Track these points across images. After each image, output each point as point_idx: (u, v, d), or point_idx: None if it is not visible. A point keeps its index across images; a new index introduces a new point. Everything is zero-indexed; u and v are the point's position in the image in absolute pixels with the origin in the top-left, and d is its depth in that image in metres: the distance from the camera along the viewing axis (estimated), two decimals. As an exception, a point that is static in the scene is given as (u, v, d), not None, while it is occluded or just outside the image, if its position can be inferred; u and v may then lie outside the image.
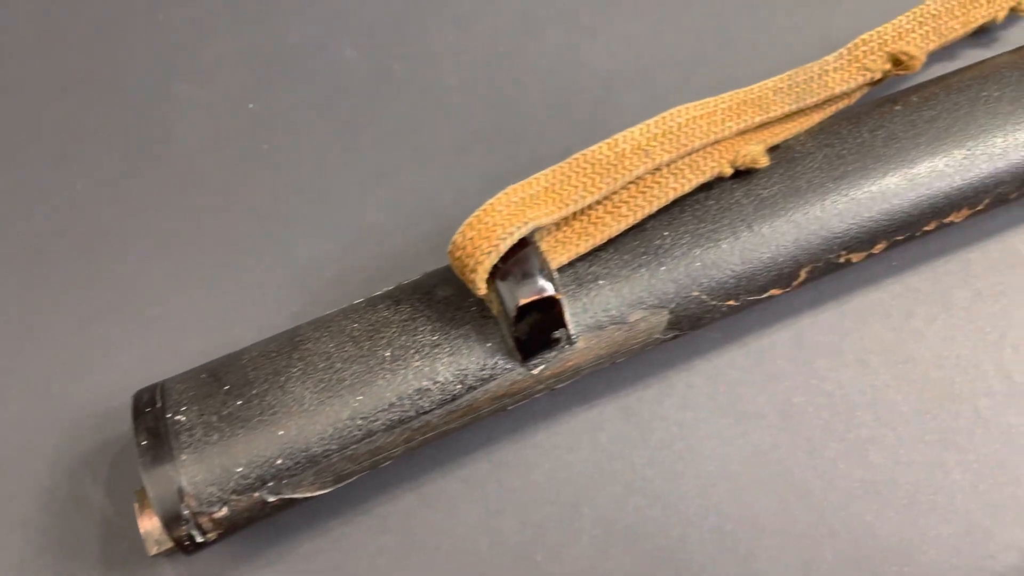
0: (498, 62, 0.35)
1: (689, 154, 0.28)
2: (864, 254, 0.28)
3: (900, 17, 0.31)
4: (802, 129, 0.30)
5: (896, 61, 0.30)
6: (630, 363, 0.29)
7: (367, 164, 0.34)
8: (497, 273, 0.25)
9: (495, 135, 0.34)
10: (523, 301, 0.25)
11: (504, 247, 0.25)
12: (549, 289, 0.25)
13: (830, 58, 0.30)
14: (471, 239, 0.25)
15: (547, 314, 0.25)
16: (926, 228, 0.28)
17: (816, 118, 0.30)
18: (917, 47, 0.30)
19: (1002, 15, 0.32)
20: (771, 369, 0.29)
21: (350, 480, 0.26)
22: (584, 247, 0.27)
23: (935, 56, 0.33)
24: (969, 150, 0.28)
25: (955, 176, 0.28)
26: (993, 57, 0.31)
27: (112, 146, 0.34)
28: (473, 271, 0.25)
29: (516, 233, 0.25)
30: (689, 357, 0.30)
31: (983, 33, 0.34)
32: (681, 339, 0.29)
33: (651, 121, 0.28)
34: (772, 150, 0.29)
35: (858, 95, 0.31)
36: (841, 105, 0.30)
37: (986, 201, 0.28)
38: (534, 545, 0.28)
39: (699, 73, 0.34)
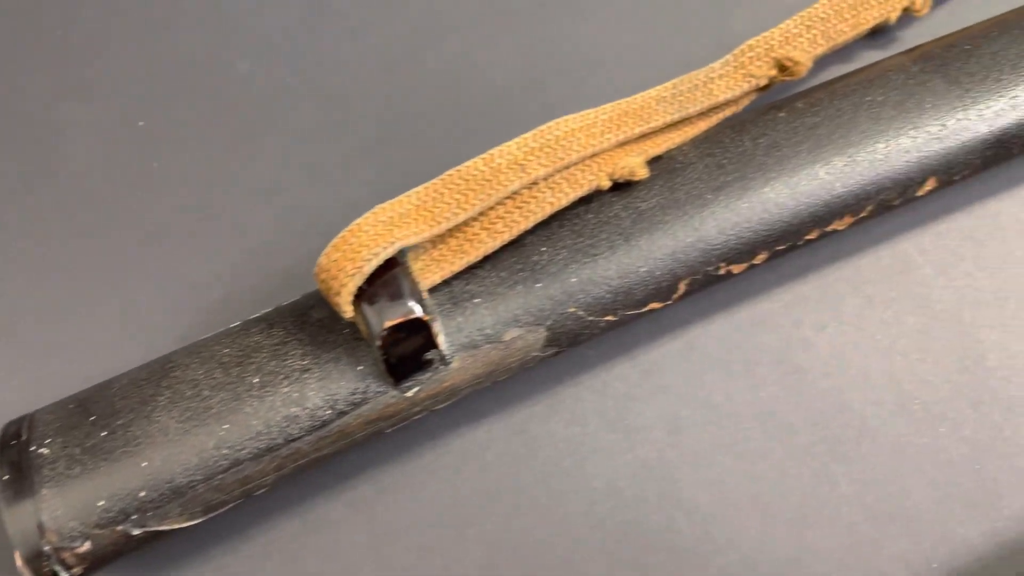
0: (392, 73, 0.35)
1: (566, 168, 0.27)
2: (745, 265, 0.28)
3: (787, 21, 0.30)
4: (686, 138, 0.29)
5: (782, 67, 0.30)
6: (519, 379, 0.29)
7: (258, 180, 0.33)
8: (363, 295, 0.25)
9: (389, 147, 0.33)
10: (388, 324, 0.24)
11: (369, 269, 0.24)
12: (417, 311, 0.25)
13: (716, 65, 0.30)
14: (335, 261, 0.25)
15: (416, 336, 0.25)
16: (808, 237, 0.28)
17: (701, 126, 0.29)
18: (804, 52, 0.30)
19: (895, 16, 0.32)
20: (659, 382, 0.29)
21: (222, 510, 0.25)
22: (459, 265, 0.26)
23: (830, 58, 0.33)
24: (850, 157, 0.28)
25: (836, 184, 0.28)
26: (881, 60, 0.30)
27: (-3, 168, 0.33)
28: (337, 294, 0.24)
29: (382, 254, 0.24)
30: (578, 372, 0.29)
31: (880, 34, 0.33)
32: (570, 353, 0.29)
33: (529, 135, 0.27)
34: (655, 161, 0.29)
35: (745, 102, 0.30)
36: (728, 113, 0.30)
37: (869, 208, 0.28)
38: (419, 569, 0.27)
39: (594, 80, 0.34)
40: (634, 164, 0.28)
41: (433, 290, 0.26)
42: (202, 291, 0.31)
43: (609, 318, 0.27)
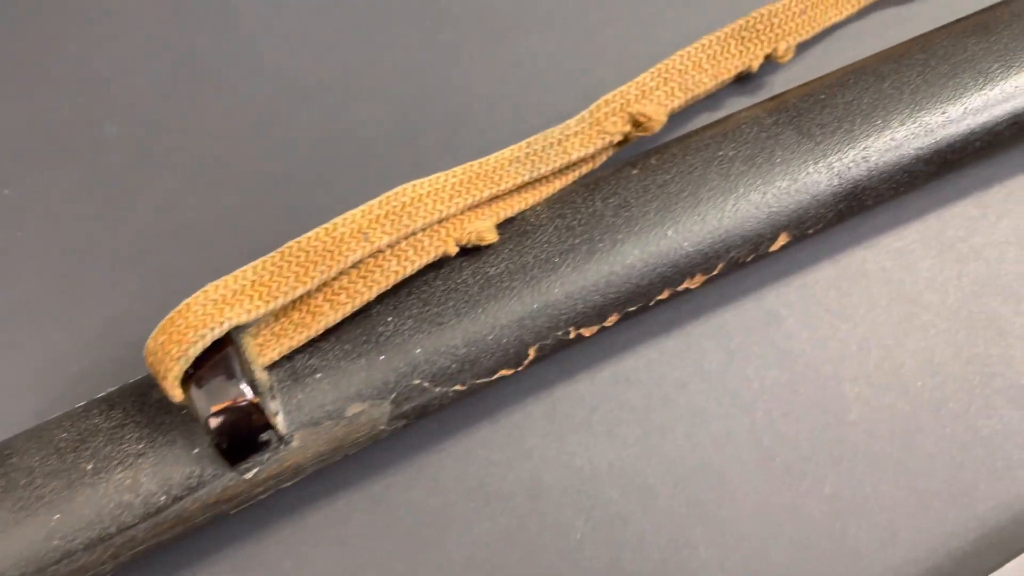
0: (262, 133, 0.34)
1: (413, 234, 0.27)
2: (595, 328, 0.27)
3: (644, 74, 0.30)
4: (541, 198, 0.29)
5: (636, 123, 0.29)
6: (379, 447, 0.28)
7: (124, 246, 0.32)
8: (193, 377, 0.24)
9: (260, 210, 0.33)
10: (215, 408, 0.24)
11: (195, 352, 0.24)
12: (247, 393, 0.24)
13: (572, 121, 0.30)
14: (161, 344, 0.24)
15: (248, 418, 0.24)
16: (659, 297, 0.27)
17: (557, 185, 0.29)
18: (659, 106, 0.30)
19: (756, 64, 0.32)
20: (522, 446, 0.29)
21: (60, 600, 0.25)
22: (300, 339, 0.26)
23: (696, 106, 0.32)
24: (700, 215, 0.27)
25: (684, 243, 0.27)
26: (738, 112, 0.30)
27: None
28: (164, 379, 0.24)
29: (209, 336, 0.24)
30: (440, 438, 0.29)
31: (746, 80, 0.33)
32: (433, 417, 0.28)
33: (375, 201, 0.27)
34: (507, 223, 0.28)
35: (602, 158, 0.30)
36: (584, 170, 0.29)
37: (720, 266, 0.28)
38: (274, 649, 0.27)
39: (465, 134, 0.33)
40: (483, 228, 0.27)
41: (275, 365, 0.26)
42: (60, 365, 0.30)
43: (457, 388, 0.26)
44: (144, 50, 0.36)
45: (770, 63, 0.32)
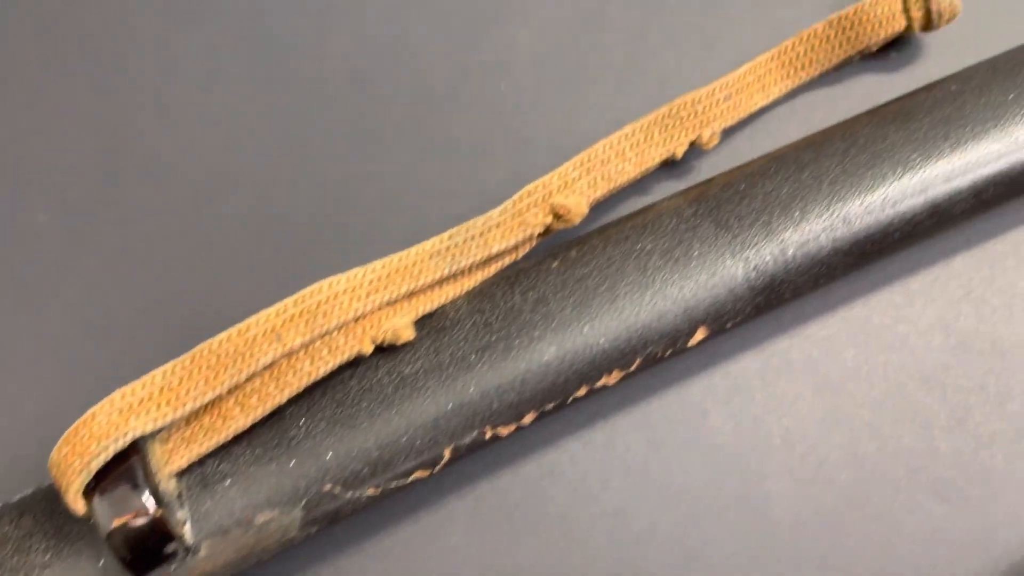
0: (191, 222, 0.34)
1: (328, 334, 0.27)
2: (512, 427, 0.27)
3: (567, 164, 0.30)
4: (462, 291, 0.28)
5: (557, 214, 0.29)
6: (298, 548, 0.28)
7: (53, 335, 0.32)
8: (96, 489, 0.24)
9: (188, 295, 0.33)
10: (117, 522, 0.23)
11: (96, 465, 0.23)
12: (149, 506, 0.24)
13: (494, 212, 0.29)
14: (64, 456, 0.24)
15: (152, 530, 0.24)
16: (577, 395, 0.27)
17: (479, 277, 0.29)
18: (581, 196, 0.30)
19: (681, 150, 0.32)
20: (444, 545, 0.28)
21: None
22: (209, 445, 0.26)
23: (626, 192, 0.32)
24: (617, 311, 0.27)
25: (600, 339, 0.27)
26: (660, 201, 0.30)
27: None
28: (65, 492, 0.23)
29: (112, 448, 0.24)
30: (360, 537, 0.28)
31: (674, 165, 0.33)
32: (357, 516, 0.28)
33: (290, 300, 0.27)
34: (427, 318, 0.28)
35: (525, 249, 0.30)
36: (507, 261, 0.29)
37: (637, 362, 0.27)
38: None
39: (395, 219, 0.33)
40: (400, 326, 0.27)
41: (185, 471, 0.26)
42: (-16, 461, 0.30)
43: (371, 492, 0.26)
44: (75, 137, 0.35)
45: (695, 149, 0.32)
